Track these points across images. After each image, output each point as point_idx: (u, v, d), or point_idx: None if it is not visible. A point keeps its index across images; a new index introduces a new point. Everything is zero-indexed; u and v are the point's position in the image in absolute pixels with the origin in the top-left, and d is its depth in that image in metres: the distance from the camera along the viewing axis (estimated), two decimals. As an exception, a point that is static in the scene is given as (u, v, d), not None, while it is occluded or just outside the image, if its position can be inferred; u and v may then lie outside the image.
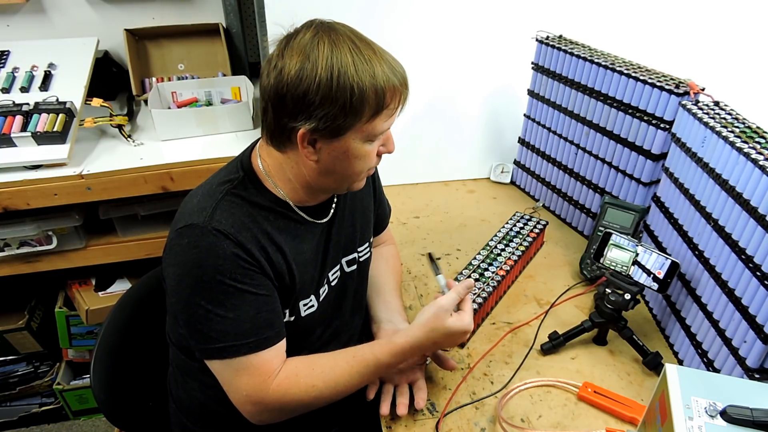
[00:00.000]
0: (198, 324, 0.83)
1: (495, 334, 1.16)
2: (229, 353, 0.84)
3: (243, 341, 0.83)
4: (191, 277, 0.82)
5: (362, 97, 0.78)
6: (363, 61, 0.78)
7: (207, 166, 1.51)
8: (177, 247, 0.83)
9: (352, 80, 0.77)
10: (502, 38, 1.54)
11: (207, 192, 0.87)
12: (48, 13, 1.75)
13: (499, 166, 1.73)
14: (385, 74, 0.80)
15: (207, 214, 0.82)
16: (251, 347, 0.84)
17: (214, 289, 0.81)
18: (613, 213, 1.28)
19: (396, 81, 0.81)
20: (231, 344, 0.83)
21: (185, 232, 0.82)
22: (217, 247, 0.81)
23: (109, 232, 1.63)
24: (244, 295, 0.83)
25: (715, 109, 1.08)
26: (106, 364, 1.09)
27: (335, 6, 1.43)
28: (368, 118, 0.81)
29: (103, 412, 1.07)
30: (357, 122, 0.81)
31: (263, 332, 0.85)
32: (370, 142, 0.85)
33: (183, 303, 0.84)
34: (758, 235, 0.88)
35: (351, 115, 0.79)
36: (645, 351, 1.07)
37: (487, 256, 1.26)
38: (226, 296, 0.82)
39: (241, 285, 0.82)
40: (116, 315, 1.15)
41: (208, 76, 1.85)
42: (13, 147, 1.42)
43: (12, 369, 1.93)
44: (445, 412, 0.98)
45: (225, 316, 0.82)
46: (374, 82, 0.79)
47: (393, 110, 0.84)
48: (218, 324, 0.82)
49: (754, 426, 0.66)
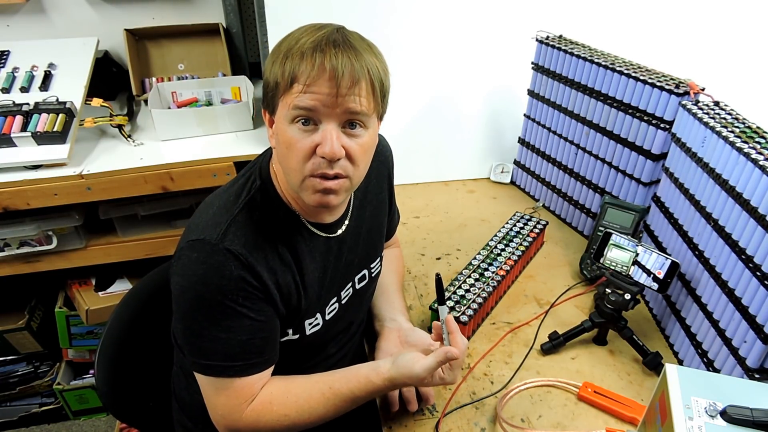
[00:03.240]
0: (191, 336, 0.84)
1: (495, 334, 1.16)
2: (214, 372, 0.84)
3: (230, 363, 0.83)
4: (193, 291, 0.81)
5: (284, 62, 0.75)
6: (301, 33, 0.76)
7: (207, 166, 1.51)
8: (185, 259, 0.82)
9: (278, 49, 0.77)
10: (502, 38, 1.54)
11: (224, 205, 0.85)
12: (48, 13, 1.75)
13: (499, 166, 1.73)
14: (313, 43, 0.74)
15: (221, 230, 0.81)
16: (236, 371, 0.84)
17: (214, 308, 0.81)
18: (613, 213, 1.28)
19: (317, 54, 0.73)
20: (217, 364, 0.83)
21: (196, 245, 0.81)
22: (224, 267, 0.80)
23: (109, 232, 1.63)
24: (242, 319, 0.82)
25: (715, 109, 1.08)
26: (110, 356, 1.09)
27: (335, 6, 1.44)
28: (285, 86, 0.76)
29: (105, 404, 1.07)
30: (280, 93, 0.77)
31: (251, 358, 0.85)
32: (293, 124, 0.77)
33: (181, 313, 0.84)
34: (758, 235, 0.88)
35: (274, 84, 0.77)
36: (645, 351, 1.07)
37: (487, 256, 1.26)
38: (223, 317, 0.81)
39: (241, 308, 0.82)
40: (122, 309, 1.15)
41: (208, 76, 1.85)
42: (13, 147, 1.42)
43: (12, 369, 1.93)
44: (445, 412, 0.98)
45: (218, 336, 0.82)
46: (290, 48, 0.75)
47: (312, 85, 0.74)
48: (210, 342, 0.82)
49: (754, 426, 0.66)
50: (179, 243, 0.86)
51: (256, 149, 1.55)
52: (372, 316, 1.14)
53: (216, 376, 0.84)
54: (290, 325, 0.92)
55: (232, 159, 1.52)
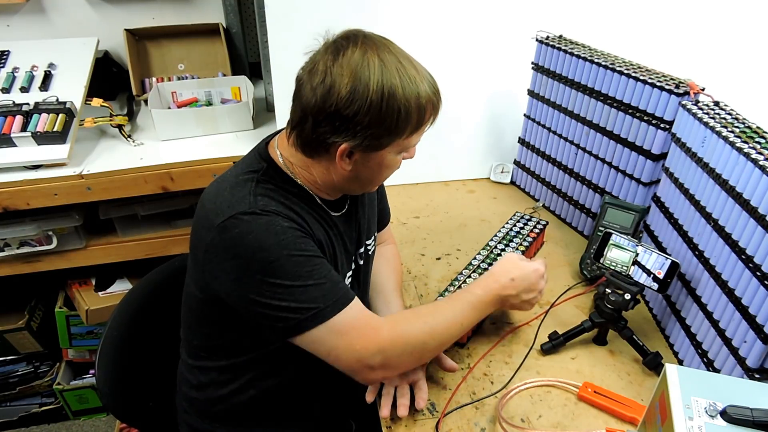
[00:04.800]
0: (282, 302, 0.82)
1: (495, 334, 1.16)
2: (327, 315, 0.83)
3: (332, 299, 0.84)
4: (258, 261, 0.81)
5: (407, 117, 0.82)
6: (409, 81, 0.81)
7: (207, 166, 1.51)
8: (228, 241, 0.82)
9: (399, 101, 0.80)
10: (502, 38, 1.54)
11: (236, 184, 0.87)
12: (48, 13, 1.76)
13: (499, 166, 1.73)
14: (427, 93, 0.84)
15: (250, 200, 0.83)
16: (342, 303, 0.84)
17: (285, 264, 0.81)
18: (613, 213, 1.28)
19: (435, 98, 0.86)
20: (324, 306, 0.83)
21: (232, 224, 0.82)
22: (273, 224, 0.82)
23: (109, 232, 1.63)
24: (313, 259, 0.84)
25: (715, 109, 1.08)
26: (111, 356, 1.09)
27: (335, 6, 1.44)
28: (408, 134, 0.86)
29: (106, 404, 1.07)
30: (397, 138, 0.85)
31: (342, 288, 0.86)
32: (399, 154, 0.89)
33: (256, 291, 0.82)
34: (758, 235, 0.88)
35: (394, 133, 0.84)
36: (645, 351, 1.07)
37: (487, 256, 1.26)
38: (299, 266, 0.82)
39: (308, 252, 0.84)
40: (122, 309, 1.15)
41: (208, 76, 1.85)
42: (13, 147, 1.42)
43: (12, 369, 1.93)
44: (445, 412, 0.98)
45: (306, 284, 0.82)
46: (419, 101, 0.82)
47: (428, 123, 0.88)
48: (303, 294, 0.82)
49: (754, 426, 0.66)
50: (198, 238, 0.87)
51: (256, 149, 1.55)
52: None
53: (330, 318, 0.83)
54: None
55: (232, 159, 1.52)
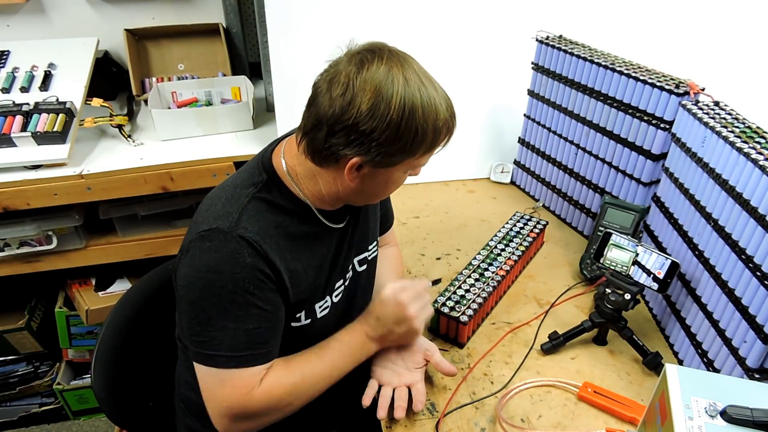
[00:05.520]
0: (198, 326, 0.83)
1: (495, 334, 1.16)
2: (219, 363, 0.84)
3: (235, 354, 0.83)
4: (205, 280, 0.81)
5: (423, 138, 0.82)
6: (429, 103, 0.81)
7: (207, 166, 1.51)
8: (196, 249, 0.82)
9: (418, 122, 0.80)
10: (502, 38, 1.54)
11: (231, 196, 0.87)
12: (48, 13, 1.76)
13: (499, 166, 1.73)
14: (445, 116, 0.83)
15: (233, 219, 0.83)
16: (241, 361, 0.84)
17: (224, 296, 0.81)
18: (613, 213, 1.28)
19: (451, 122, 0.85)
20: (223, 354, 0.83)
21: (209, 235, 0.82)
22: (238, 254, 0.81)
23: (109, 232, 1.63)
24: (250, 308, 0.83)
25: (715, 109, 1.08)
26: (106, 362, 1.09)
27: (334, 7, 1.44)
28: (421, 154, 0.85)
29: (104, 410, 1.07)
30: (409, 158, 0.84)
31: (256, 348, 0.85)
32: (406, 172, 0.89)
33: (189, 304, 0.84)
34: (758, 235, 0.88)
35: (408, 152, 0.83)
36: (645, 351, 1.07)
37: (487, 256, 1.26)
38: (232, 306, 0.82)
39: (251, 297, 0.82)
40: (118, 313, 1.14)
41: (208, 76, 1.85)
42: (13, 147, 1.42)
43: (12, 369, 1.93)
44: (445, 412, 0.98)
45: (226, 325, 0.82)
46: (436, 124, 0.82)
47: (441, 145, 0.88)
48: (217, 331, 0.82)
49: (754, 426, 0.66)
50: (186, 238, 0.87)
51: (256, 149, 1.54)
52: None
53: (221, 368, 0.84)
54: (302, 308, 0.93)
55: (232, 159, 1.53)
